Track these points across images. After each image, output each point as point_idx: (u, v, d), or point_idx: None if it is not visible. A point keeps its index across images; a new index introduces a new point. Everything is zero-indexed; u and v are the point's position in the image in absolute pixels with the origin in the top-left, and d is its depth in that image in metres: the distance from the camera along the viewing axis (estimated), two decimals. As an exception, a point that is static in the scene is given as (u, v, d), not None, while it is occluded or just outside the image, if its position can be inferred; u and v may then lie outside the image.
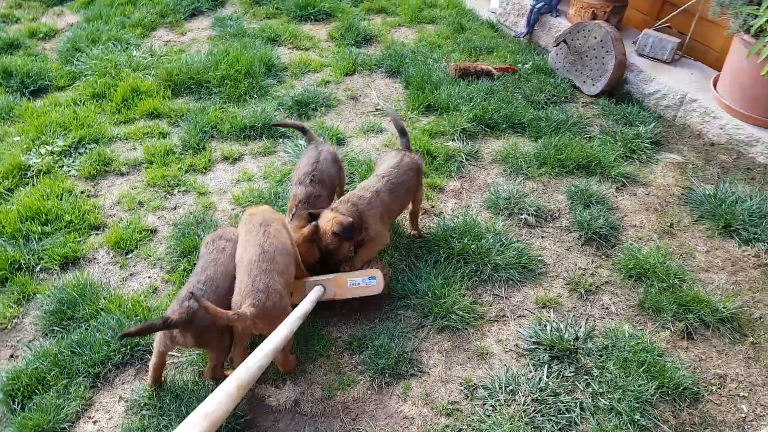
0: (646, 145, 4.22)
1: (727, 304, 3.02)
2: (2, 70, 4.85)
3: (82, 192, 3.79)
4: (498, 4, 5.98)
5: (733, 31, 3.99)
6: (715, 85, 4.40)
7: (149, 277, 3.25)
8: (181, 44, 5.50)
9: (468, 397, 2.68)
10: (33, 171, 3.90)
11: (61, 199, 3.64)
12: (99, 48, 5.20)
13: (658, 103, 4.66)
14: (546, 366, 2.77)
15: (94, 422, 2.60)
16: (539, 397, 2.63)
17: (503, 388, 2.68)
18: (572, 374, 2.73)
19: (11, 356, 2.88)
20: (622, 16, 5.10)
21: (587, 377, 2.72)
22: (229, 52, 5.11)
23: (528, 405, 2.61)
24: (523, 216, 3.64)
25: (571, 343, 2.82)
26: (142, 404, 2.63)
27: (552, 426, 2.53)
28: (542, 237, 3.54)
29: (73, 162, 4.01)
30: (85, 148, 4.13)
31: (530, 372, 2.76)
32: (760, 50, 3.64)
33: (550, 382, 2.69)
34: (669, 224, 3.61)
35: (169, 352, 2.72)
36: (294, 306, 2.63)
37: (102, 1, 6.07)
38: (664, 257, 3.31)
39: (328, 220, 2.89)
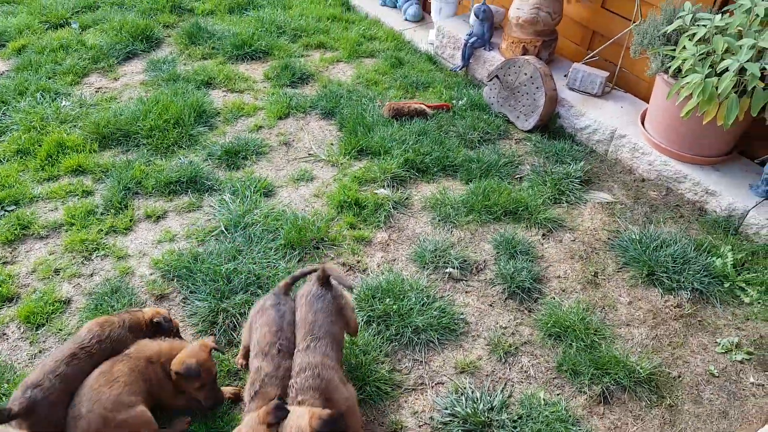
0: (576, 185, 4.21)
1: (645, 365, 3.00)
2: None
3: (-1, 259, 3.68)
4: (435, 37, 5.95)
5: (653, 71, 3.99)
6: (642, 121, 4.40)
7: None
8: (113, 91, 5.39)
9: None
10: (-56, 241, 3.77)
11: (-28, 272, 3.52)
12: (26, 100, 5.07)
13: (590, 137, 4.66)
14: (460, 439, 2.73)
15: None
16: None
17: (415, 467, 2.62)
18: (486, 447, 2.69)
19: None
20: (552, 48, 5.10)
21: (501, 449, 2.68)
22: (159, 100, 5.01)
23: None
24: (448, 270, 3.60)
25: (486, 414, 2.78)
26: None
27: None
28: (466, 292, 3.50)
29: (-10, 227, 3.88)
30: (5, 211, 4.01)
31: (444, 446, 2.71)
32: (678, 91, 3.64)
33: (463, 458, 2.64)
34: (593, 273, 3.59)
35: None
36: None
37: (33, 47, 5.92)
38: (585, 311, 3.28)
39: (302, 416, 2.29)
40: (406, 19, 6.72)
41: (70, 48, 5.98)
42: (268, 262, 3.60)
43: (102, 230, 3.85)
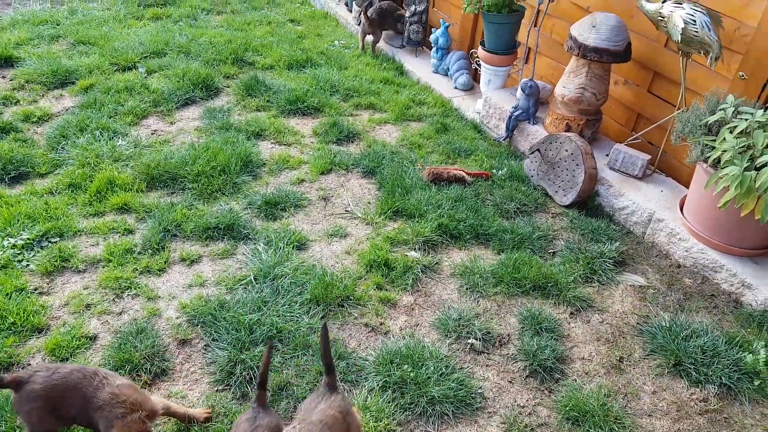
0: (609, 265, 4.15)
1: (661, 461, 2.88)
2: (-14, 155, 5.00)
3: (35, 289, 3.82)
4: (481, 106, 6.06)
5: (693, 159, 3.97)
6: (681, 207, 4.35)
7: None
8: (168, 134, 5.64)
9: None
10: (-9, 265, 3.95)
11: (9, 298, 3.66)
12: (85, 137, 5.35)
13: (627, 218, 4.61)
14: None
15: None
16: None
17: None
18: None
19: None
20: (596, 128, 5.13)
21: None
22: (209, 147, 5.22)
23: None
24: (470, 341, 3.56)
25: (492, 495, 2.70)
26: None
27: None
28: (487, 365, 3.45)
29: (33, 257, 4.05)
30: (49, 242, 4.18)
31: None
32: (717, 182, 3.60)
33: None
34: (619, 358, 3.50)
35: None
36: None
37: (100, 87, 6.29)
38: (606, 397, 3.19)
39: None
40: (455, 87, 6.88)
41: (134, 90, 6.32)
42: (292, 315, 3.64)
43: (137, 269, 3.97)
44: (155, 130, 5.75)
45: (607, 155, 4.94)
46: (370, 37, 7.79)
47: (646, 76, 4.85)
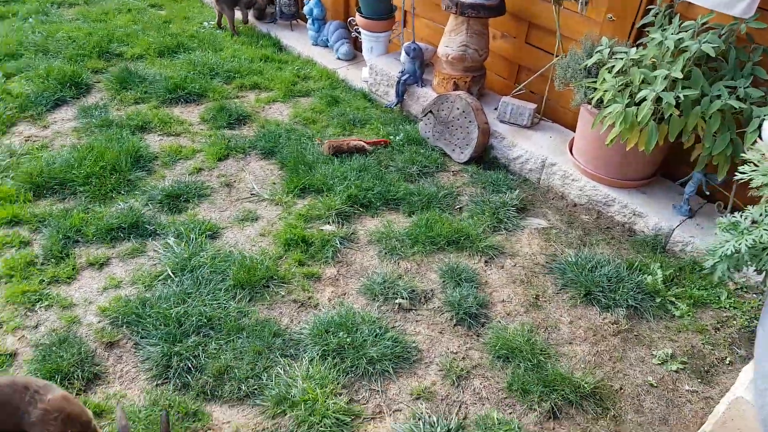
0: (512, 212, 4.41)
1: (589, 380, 3.16)
2: None
3: (-68, 321, 3.50)
4: (368, 75, 6.14)
5: (577, 102, 4.28)
6: (571, 149, 4.68)
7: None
8: (44, 139, 5.26)
9: None
10: None
11: None
12: (-49, 151, 4.88)
13: (522, 167, 4.91)
14: (422, 465, 2.79)
15: None
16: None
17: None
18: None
19: None
20: (482, 84, 5.37)
21: (462, 472, 2.75)
22: (93, 146, 4.93)
23: None
24: (397, 300, 3.69)
25: (444, 438, 2.86)
26: None
27: None
28: (416, 321, 3.59)
29: None
30: (-65, 268, 3.83)
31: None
32: (602, 121, 3.91)
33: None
34: (535, 296, 3.77)
35: None
36: None
37: (-45, 96, 5.73)
38: (530, 333, 3.44)
39: None
40: (338, 58, 6.90)
41: (-5, 97, 5.81)
42: (218, 303, 3.59)
43: (44, 280, 3.75)
44: (28, 137, 5.34)
45: (495, 109, 5.20)
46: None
47: (522, 28, 5.12)
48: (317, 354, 3.29)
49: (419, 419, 2.98)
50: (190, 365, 3.21)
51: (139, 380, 3.18)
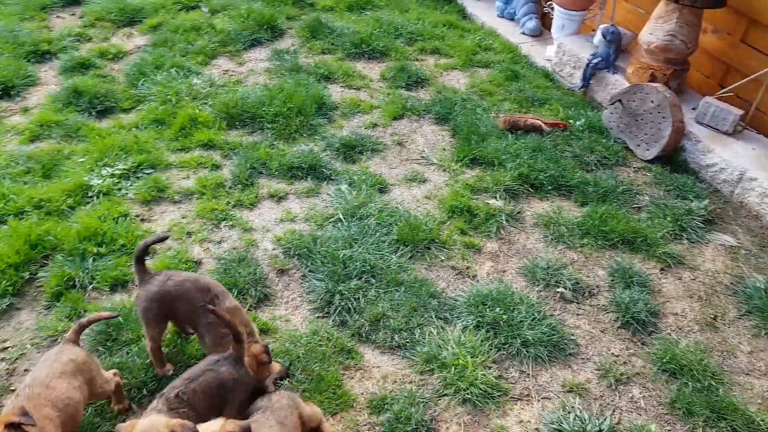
0: (698, 223, 4.08)
1: (765, 417, 2.87)
2: (73, 89, 5.05)
3: (137, 216, 3.94)
4: (554, 53, 5.90)
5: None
6: (776, 165, 4.23)
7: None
8: (239, 75, 5.63)
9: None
10: (94, 191, 4.06)
11: (116, 222, 3.79)
12: (162, 74, 5.36)
13: (715, 176, 4.51)
14: (566, 458, 2.70)
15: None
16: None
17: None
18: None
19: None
20: (682, 79, 4.97)
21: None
22: (283, 88, 5.20)
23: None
24: (560, 289, 3.57)
25: (594, 437, 2.74)
26: None
27: None
28: (577, 314, 3.46)
29: (130, 186, 4.16)
30: (143, 173, 4.28)
31: (549, 463, 2.69)
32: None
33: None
34: (713, 316, 3.48)
35: None
36: None
37: (168, 26, 6.26)
38: (702, 353, 3.18)
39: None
40: (523, 33, 6.70)
41: (201, 30, 6.27)
42: (381, 254, 3.68)
43: (230, 202, 4.08)
44: (226, 70, 5.74)
45: (693, 108, 4.80)
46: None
47: (741, 24, 4.65)
48: (471, 323, 3.28)
49: (569, 412, 2.88)
50: (350, 305, 3.35)
51: (303, 309, 3.37)
